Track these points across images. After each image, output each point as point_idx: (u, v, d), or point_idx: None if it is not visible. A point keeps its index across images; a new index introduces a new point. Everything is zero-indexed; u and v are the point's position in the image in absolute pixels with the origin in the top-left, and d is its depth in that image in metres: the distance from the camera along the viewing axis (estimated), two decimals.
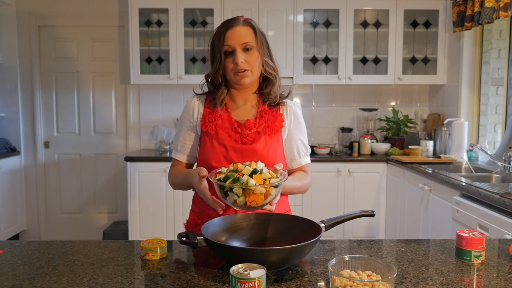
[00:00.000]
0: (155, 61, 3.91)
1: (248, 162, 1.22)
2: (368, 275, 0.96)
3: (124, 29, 4.07)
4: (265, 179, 1.16)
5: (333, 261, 0.98)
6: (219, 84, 1.46)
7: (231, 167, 1.20)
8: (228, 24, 1.40)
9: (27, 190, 4.23)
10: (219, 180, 1.17)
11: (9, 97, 4.12)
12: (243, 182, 1.14)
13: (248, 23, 1.42)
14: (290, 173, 1.51)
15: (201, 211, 1.47)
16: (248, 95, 1.48)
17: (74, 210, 4.29)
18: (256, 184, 1.13)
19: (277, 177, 1.20)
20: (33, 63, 4.12)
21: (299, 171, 1.51)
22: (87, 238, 4.23)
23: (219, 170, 1.24)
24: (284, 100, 1.50)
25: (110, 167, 4.27)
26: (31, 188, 4.24)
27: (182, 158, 1.52)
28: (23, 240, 1.80)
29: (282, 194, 1.43)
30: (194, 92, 1.53)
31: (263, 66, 1.45)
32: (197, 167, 1.48)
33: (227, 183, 1.15)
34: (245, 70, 1.40)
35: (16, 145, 4.14)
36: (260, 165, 1.21)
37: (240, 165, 1.20)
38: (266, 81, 1.48)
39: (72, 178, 4.27)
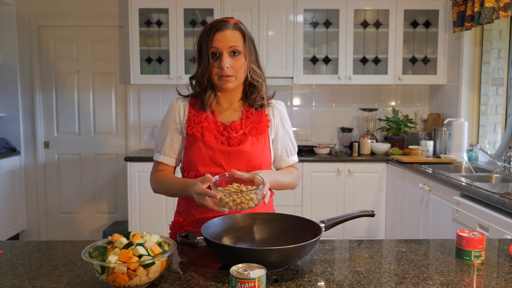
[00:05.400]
0: (155, 61, 3.91)
1: (137, 233, 1.04)
2: (238, 186, 1.25)
3: (124, 29, 4.07)
4: (141, 255, 0.96)
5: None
6: (205, 87, 1.43)
7: (109, 238, 1.02)
8: (218, 26, 1.37)
9: (27, 190, 4.23)
10: (89, 253, 1.00)
11: (9, 97, 4.12)
12: (103, 258, 0.95)
13: (238, 27, 1.39)
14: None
15: (185, 212, 1.48)
16: (233, 98, 1.47)
17: (74, 210, 4.29)
18: (117, 261, 0.93)
19: (164, 252, 1.01)
20: (33, 63, 4.12)
21: (289, 167, 1.55)
22: (87, 238, 4.23)
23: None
24: (269, 101, 1.49)
25: (110, 167, 4.27)
26: (31, 188, 4.24)
27: (171, 161, 1.48)
28: (23, 240, 1.80)
29: (270, 189, 1.40)
30: (178, 93, 1.51)
31: (249, 73, 1.42)
32: (182, 170, 1.48)
33: (93, 256, 0.97)
34: (229, 76, 1.37)
35: (16, 145, 4.14)
36: (155, 238, 1.03)
37: (116, 237, 1.00)
38: (251, 87, 1.45)
39: (72, 178, 4.27)
